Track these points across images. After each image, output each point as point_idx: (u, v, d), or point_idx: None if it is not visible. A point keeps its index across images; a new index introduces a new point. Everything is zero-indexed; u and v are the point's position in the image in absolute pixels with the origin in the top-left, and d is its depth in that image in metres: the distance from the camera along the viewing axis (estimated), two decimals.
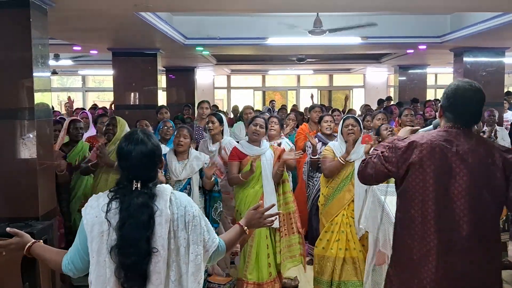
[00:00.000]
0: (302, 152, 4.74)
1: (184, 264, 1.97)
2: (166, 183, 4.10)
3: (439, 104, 2.43)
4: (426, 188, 2.19)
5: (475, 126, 5.91)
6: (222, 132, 4.91)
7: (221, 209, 4.25)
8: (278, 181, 4.31)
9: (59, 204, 4.73)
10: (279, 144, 4.88)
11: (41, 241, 2.17)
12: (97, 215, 1.94)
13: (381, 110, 6.41)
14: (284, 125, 5.94)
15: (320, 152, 4.68)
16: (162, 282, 1.92)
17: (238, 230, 2.22)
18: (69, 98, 9.71)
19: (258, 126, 4.34)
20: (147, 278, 1.90)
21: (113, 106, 9.24)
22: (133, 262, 1.88)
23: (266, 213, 2.25)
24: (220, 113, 5.18)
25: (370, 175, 2.42)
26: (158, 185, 2.04)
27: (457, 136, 2.24)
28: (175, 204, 2.01)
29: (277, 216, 4.19)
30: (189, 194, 4.15)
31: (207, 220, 2.11)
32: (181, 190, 4.13)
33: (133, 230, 1.89)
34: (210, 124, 4.85)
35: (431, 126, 2.66)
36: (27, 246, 2.10)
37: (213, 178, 4.15)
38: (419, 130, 2.65)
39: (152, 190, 1.98)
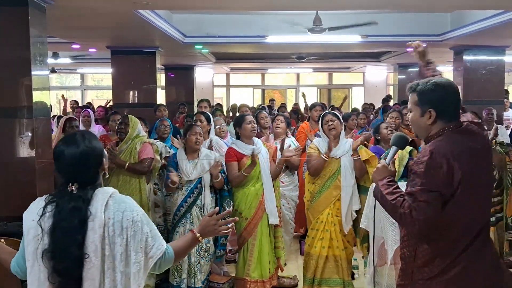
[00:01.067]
0: (302, 149, 4.76)
1: (119, 272, 1.89)
2: (173, 185, 4.12)
3: (428, 110, 2.21)
4: (475, 196, 2.12)
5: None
6: (209, 131, 4.93)
7: (230, 208, 4.26)
8: (276, 177, 4.37)
9: None
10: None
11: (3, 240, 2.18)
12: (33, 218, 1.91)
13: (395, 109, 6.39)
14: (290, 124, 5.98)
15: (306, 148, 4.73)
16: None
17: (190, 237, 2.11)
18: (62, 96, 9.71)
19: (252, 123, 4.36)
20: (81, 285, 1.86)
21: (109, 104, 9.21)
22: (64, 268, 1.84)
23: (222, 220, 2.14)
24: (208, 113, 5.23)
25: (431, 217, 2.07)
26: (100, 188, 1.98)
27: (470, 133, 2.21)
28: (112, 208, 1.92)
29: (276, 213, 4.28)
30: (200, 194, 4.14)
31: (153, 225, 2.02)
32: (191, 190, 4.14)
33: (64, 235, 1.85)
34: (198, 122, 4.85)
35: (393, 148, 2.49)
36: None
37: (220, 177, 4.13)
38: (386, 161, 2.43)
39: (87, 194, 1.92)
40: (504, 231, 4.71)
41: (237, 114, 9.02)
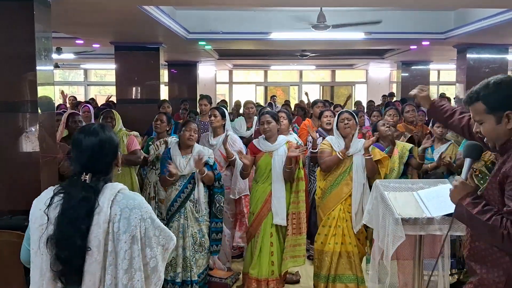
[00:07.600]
0: (306, 148, 4.75)
1: (122, 270, 1.87)
2: (171, 177, 4.13)
3: (505, 114, 1.98)
4: None
5: None
6: (224, 126, 4.93)
7: (220, 205, 4.27)
8: (289, 178, 4.22)
9: None
10: None
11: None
12: (41, 207, 1.93)
13: (392, 106, 6.42)
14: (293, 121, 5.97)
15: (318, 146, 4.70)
16: (96, 285, 1.86)
17: None
18: (62, 92, 9.73)
19: (266, 124, 4.27)
20: (82, 277, 1.87)
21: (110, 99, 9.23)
22: (66, 256, 1.85)
23: None
24: (223, 108, 5.21)
25: None
26: (110, 182, 1.98)
27: None
28: (120, 204, 1.91)
29: (283, 214, 4.22)
30: (193, 189, 4.15)
31: (157, 220, 2.01)
32: (185, 185, 4.16)
33: (69, 224, 1.86)
34: (212, 118, 4.88)
35: (468, 161, 2.26)
36: None
37: (205, 172, 4.10)
38: (462, 176, 2.19)
39: (99, 185, 1.93)
40: None
41: (241, 110, 9.02)
